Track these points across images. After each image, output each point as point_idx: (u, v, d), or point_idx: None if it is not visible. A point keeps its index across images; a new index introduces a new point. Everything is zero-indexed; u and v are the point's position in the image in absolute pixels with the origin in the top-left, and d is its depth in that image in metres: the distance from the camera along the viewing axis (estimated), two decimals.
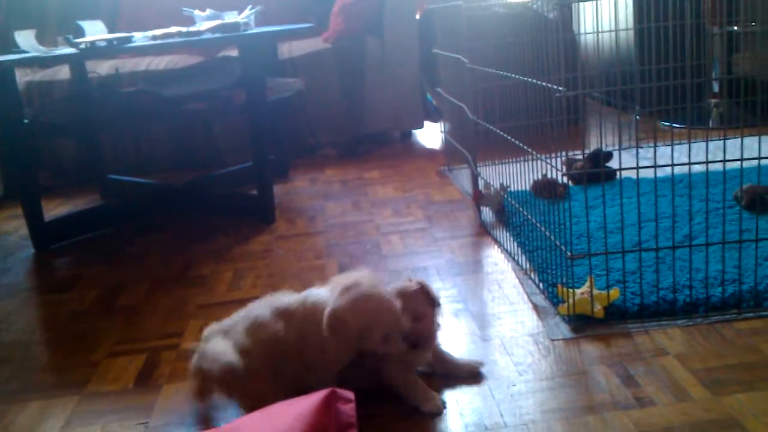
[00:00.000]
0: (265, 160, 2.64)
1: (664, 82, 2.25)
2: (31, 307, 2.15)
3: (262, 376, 1.30)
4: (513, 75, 1.92)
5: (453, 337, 1.62)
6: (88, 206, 3.16)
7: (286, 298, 1.40)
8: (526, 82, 1.80)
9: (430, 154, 3.60)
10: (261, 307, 1.39)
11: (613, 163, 2.56)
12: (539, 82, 1.67)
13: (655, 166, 1.58)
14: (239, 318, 1.42)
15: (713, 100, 3.49)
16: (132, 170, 3.51)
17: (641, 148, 2.24)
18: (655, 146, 1.64)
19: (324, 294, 1.36)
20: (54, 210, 3.13)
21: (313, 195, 3.01)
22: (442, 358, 1.48)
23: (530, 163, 1.91)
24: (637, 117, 2.19)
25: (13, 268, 2.48)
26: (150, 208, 3.00)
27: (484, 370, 1.46)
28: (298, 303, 1.37)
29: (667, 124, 3.35)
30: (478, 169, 2.44)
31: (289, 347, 1.33)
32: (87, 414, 1.45)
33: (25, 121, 2.60)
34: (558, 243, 1.70)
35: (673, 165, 1.62)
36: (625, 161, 1.69)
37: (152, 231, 2.75)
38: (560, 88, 1.53)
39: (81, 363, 1.69)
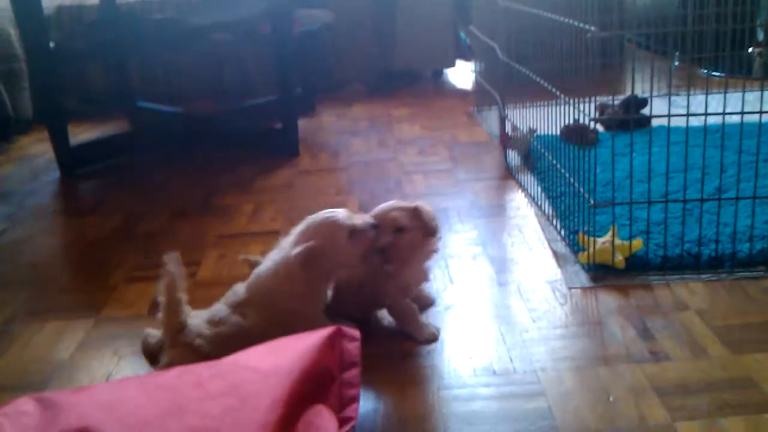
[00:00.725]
0: (290, 94, 2.60)
1: (705, 26, 2.15)
2: (54, 229, 2.17)
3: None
4: (545, 14, 1.85)
5: (469, 281, 1.60)
6: (115, 132, 3.16)
7: (234, 291, 1.36)
8: (558, 22, 1.73)
9: (461, 94, 3.53)
10: (218, 306, 1.35)
11: (648, 111, 2.48)
12: (571, 22, 1.59)
13: (687, 115, 1.52)
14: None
15: (757, 49, 3.35)
16: (162, 98, 3.49)
17: (677, 95, 2.16)
18: (689, 94, 1.57)
19: (264, 266, 1.35)
20: (82, 135, 3.14)
21: (338, 131, 2.97)
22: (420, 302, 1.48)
23: (561, 107, 1.85)
24: (676, 63, 2.10)
25: (38, 191, 2.50)
26: (176, 136, 2.99)
27: (498, 315, 1.44)
28: (246, 290, 1.34)
29: (707, 72, 3.23)
30: (507, 111, 2.38)
31: (254, 333, 1.25)
32: (101, 337, 1.47)
33: (51, 44, 2.58)
34: (582, 190, 1.66)
35: (706, 114, 1.55)
36: (660, 109, 1.63)
37: (177, 160, 2.74)
38: (591, 28, 1.46)
39: (98, 287, 1.70)
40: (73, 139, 2.69)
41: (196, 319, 1.31)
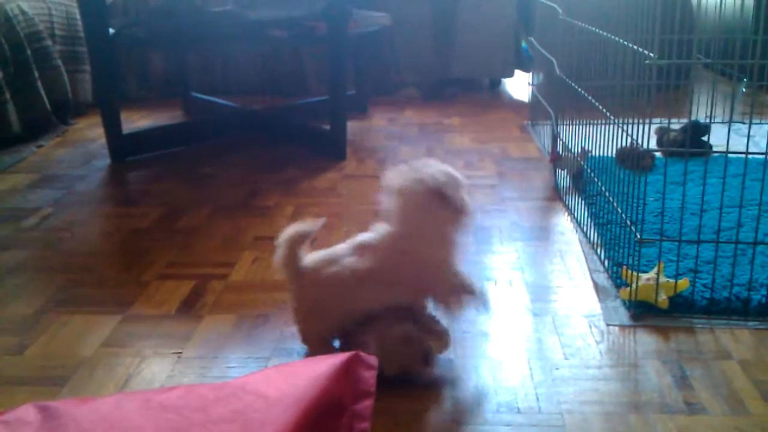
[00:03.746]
0: (341, 95, 2.57)
1: None
2: (96, 218, 2.18)
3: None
4: (605, 33, 1.77)
5: (503, 308, 1.54)
6: (168, 122, 3.18)
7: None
8: (617, 42, 1.66)
9: (516, 106, 3.45)
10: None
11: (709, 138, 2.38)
12: (630, 45, 1.52)
13: (746, 153, 1.43)
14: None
15: None
16: (217, 91, 3.51)
17: (742, 123, 2.06)
18: (751, 123, 1.48)
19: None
20: (137, 122, 3.17)
21: (388, 136, 2.94)
22: None
23: (617, 127, 1.78)
24: (743, 90, 2.00)
25: (87, 177, 2.53)
26: (227, 130, 3.00)
27: (529, 347, 1.39)
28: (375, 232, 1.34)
29: None
30: (560, 128, 2.31)
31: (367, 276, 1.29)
32: (125, 336, 1.46)
33: (111, 31, 2.60)
34: (629, 222, 1.59)
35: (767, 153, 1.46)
36: (721, 136, 1.54)
37: (226, 154, 2.75)
38: (651, 54, 1.38)
39: (131, 282, 1.70)
40: (128, 125, 2.71)
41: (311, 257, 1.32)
